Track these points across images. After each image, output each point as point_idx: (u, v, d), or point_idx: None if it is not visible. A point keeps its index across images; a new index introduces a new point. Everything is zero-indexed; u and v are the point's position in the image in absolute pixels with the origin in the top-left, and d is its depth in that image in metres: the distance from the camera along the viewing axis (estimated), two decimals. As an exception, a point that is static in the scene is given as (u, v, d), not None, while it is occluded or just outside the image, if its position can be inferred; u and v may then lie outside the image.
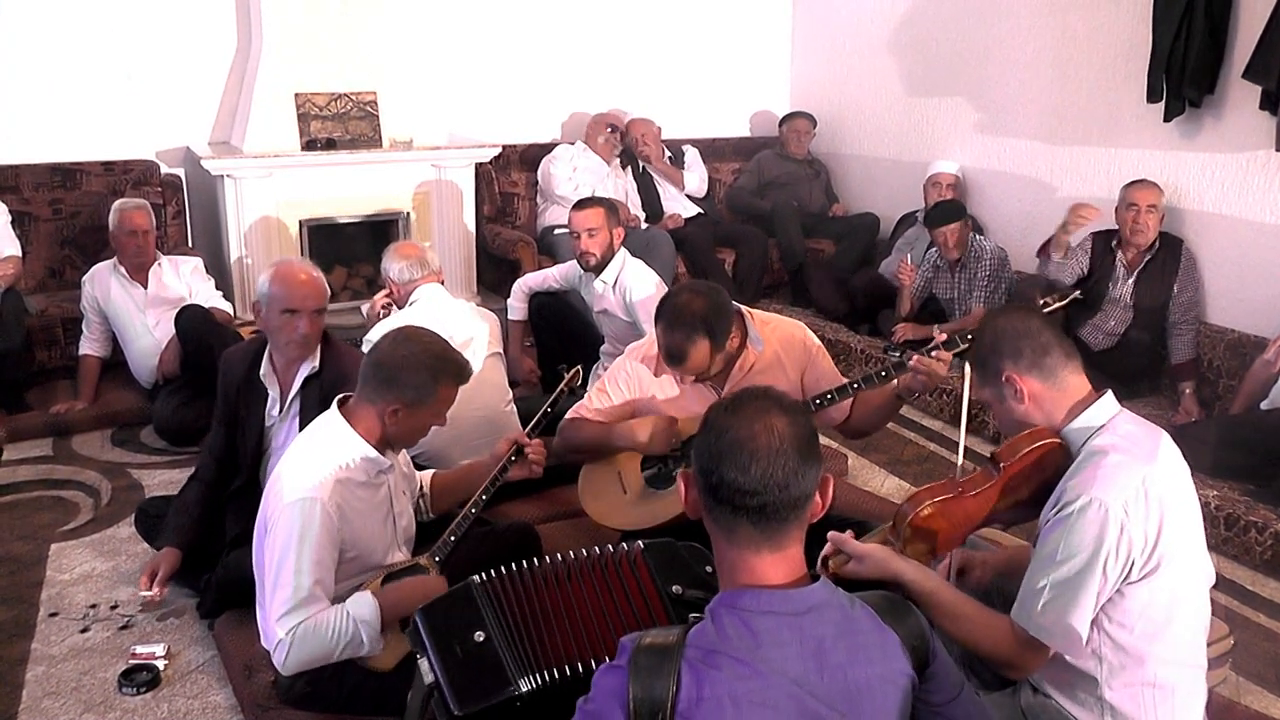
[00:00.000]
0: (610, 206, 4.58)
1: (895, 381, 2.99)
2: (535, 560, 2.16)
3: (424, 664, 1.98)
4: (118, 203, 4.97)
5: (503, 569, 2.14)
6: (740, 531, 1.58)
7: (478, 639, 2.01)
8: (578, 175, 6.33)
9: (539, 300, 4.90)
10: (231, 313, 5.19)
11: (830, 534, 2.18)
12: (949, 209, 5.49)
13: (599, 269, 4.49)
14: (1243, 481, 3.94)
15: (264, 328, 3.29)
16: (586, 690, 1.56)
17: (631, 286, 4.38)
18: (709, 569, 2.11)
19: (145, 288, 4.92)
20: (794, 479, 1.56)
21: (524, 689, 1.98)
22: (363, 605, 2.56)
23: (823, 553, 2.21)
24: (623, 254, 4.52)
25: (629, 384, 3.26)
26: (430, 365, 2.66)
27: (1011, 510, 2.27)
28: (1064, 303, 3.08)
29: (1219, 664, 2.86)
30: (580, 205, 4.55)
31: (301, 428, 3.02)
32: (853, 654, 1.56)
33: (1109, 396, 2.19)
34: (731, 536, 1.59)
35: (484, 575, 2.14)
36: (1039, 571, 2.06)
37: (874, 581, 2.99)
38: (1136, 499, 2.01)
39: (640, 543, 2.15)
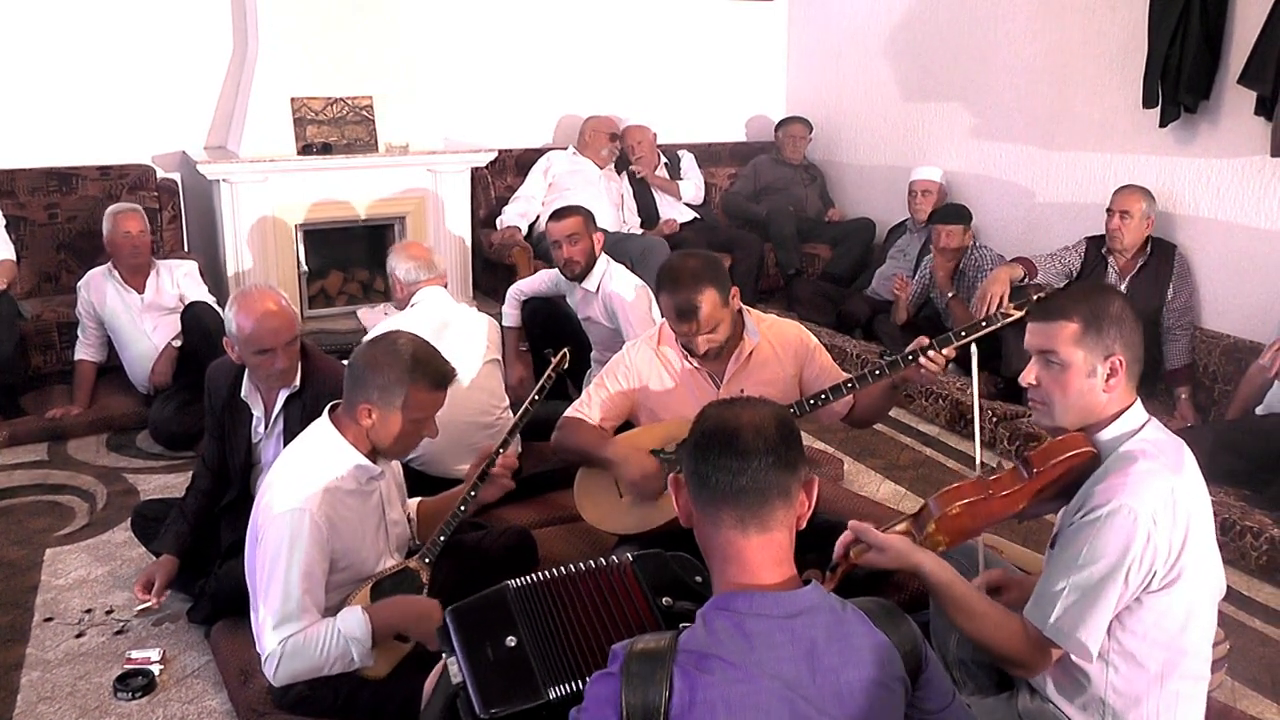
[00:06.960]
0: (588, 214, 4.55)
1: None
2: (567, 568, 2.13)
3: (453, 665, 1.96)
4: (111, 208, 4.95)
5: (540, 574, 2.12)
6: (725, 514, 1.59)
7: (509, 644, 2.00)
8: (572, 179, 6.32)
9: (532, 305, 4.86)
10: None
11: (851, 523, 2.21)
12: (955, 211, 5.56)
13: (582, 276, 4.46)
14: (1238, 487, 3.94)
15: (238, 361, 3.23)
16: None
17: (615, 293, 4.36)
18: (699, 579, 2.11)
19: (141, 293, 4.92)
20: (778, 454, 1.59)
21: (553, 697, 1.96)
22: (353, 623, 2.54)
23: (841, 539, 2.22)
24: (604, 261, 4.49)
25: (627, 376, 3.25)
26: (401, 364, 2.59)
27: (1033, 508, 2.28)
28: (1016, 317, 2.77)
29: (1215, 669, 2.85)
30: (558, 215, 4.51)
31: (286, 444, 2.99)
32: (844, 657, 1.56)
33: (1139, 403, 2.19)
34: (718, 520, 1.60)
35: (520, 580, 2.12)
36: (1059, 573, 2.05)
37: (878, 579, 3.02)
38: (1165, 508, 2.00)
39: (629, 555, 2.14)
